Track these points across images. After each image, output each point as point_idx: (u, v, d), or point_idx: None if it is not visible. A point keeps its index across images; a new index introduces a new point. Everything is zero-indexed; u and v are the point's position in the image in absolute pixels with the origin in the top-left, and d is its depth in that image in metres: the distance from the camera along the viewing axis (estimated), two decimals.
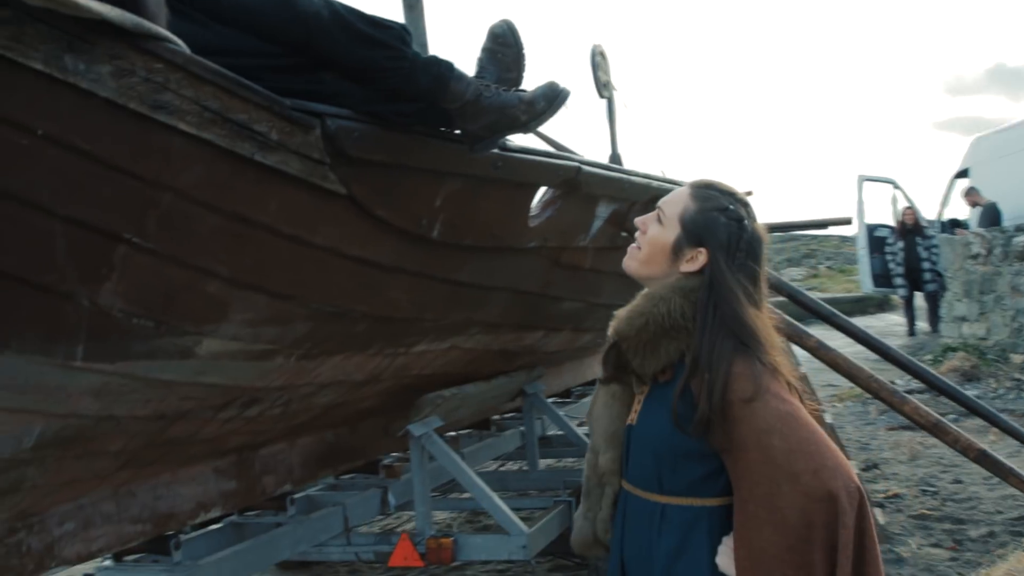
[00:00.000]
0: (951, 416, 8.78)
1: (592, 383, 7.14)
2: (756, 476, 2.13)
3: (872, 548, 2.13)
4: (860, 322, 22.74)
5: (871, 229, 19.20)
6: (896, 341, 17.73)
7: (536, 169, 3.64)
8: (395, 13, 4.08)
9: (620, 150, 9.59)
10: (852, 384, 5.35)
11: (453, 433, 5.82)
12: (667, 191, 5.00)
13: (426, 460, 4.54)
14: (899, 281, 18.52)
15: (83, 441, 2.94)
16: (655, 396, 2.32)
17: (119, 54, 2.33)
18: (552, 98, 3.03)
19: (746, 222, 2.35)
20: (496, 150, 3.28)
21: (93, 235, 2.48)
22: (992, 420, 5.64)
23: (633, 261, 2.43)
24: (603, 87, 8.85)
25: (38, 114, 2.27)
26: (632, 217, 4.59)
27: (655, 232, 2.39)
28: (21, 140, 2.28)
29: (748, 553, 2.13)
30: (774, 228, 9.71)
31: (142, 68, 2.37)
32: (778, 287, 6.27)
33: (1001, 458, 5.07)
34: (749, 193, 11.10)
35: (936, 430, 4.83)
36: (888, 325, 20.34)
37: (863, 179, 19.26)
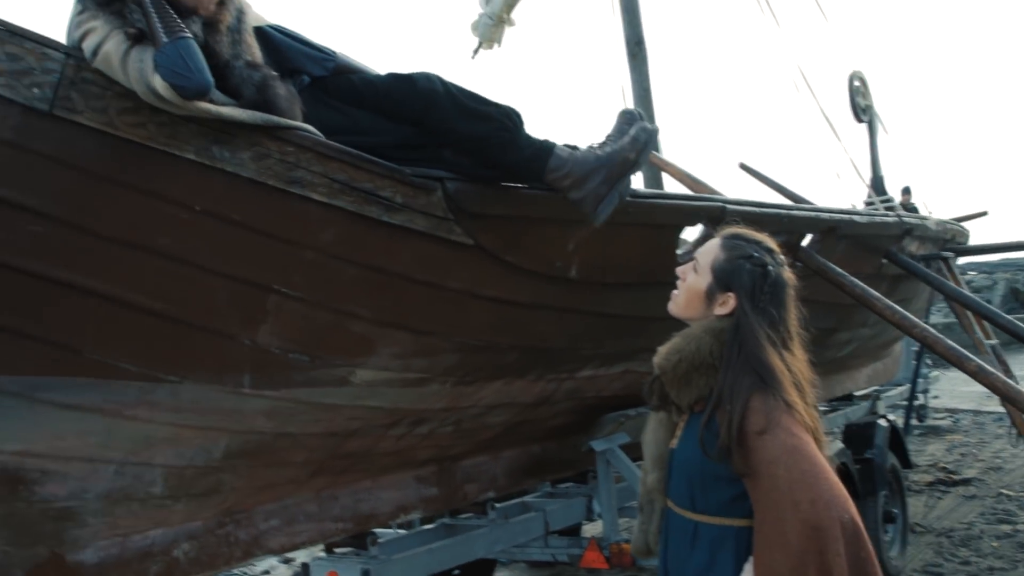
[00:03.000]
0: None
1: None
2: (766, 502, 2.38)
3: None
4: None
5: None
6: None
7: (673, 211, 3.92)
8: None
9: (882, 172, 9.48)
10: None
11: None
12: (841, 221, 5.11)
13: (611, 473, 4.89)
14: None
15: (267, 453, 3.52)
16: (691, 424, 2.60)
17: (256, 141, 2.88)
18: (646, 129, 3.33)
19: (770, 268, 2.59)
20: (628, 198, 3.59)
21: (248, 287, 3.06)
22: None
23: (674, 305, 2.73)
24: (861, 111, 8.82)
25: (194, 193, 2.88)
26: (802, 246, 4.75)
27: (691, 280, 2.67)
28: (182, 215, 2.88)
29: (762, 572, 2.38)
30: (997, 248, 9.26)
31: (276, 151, 2.91)
32: (977, 310, 6.13)
33: None
34: (983, 214, 10.56)
35: None
36: None
37: None
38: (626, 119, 3.50)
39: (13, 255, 2.74)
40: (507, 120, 3.22)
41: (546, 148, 3.26)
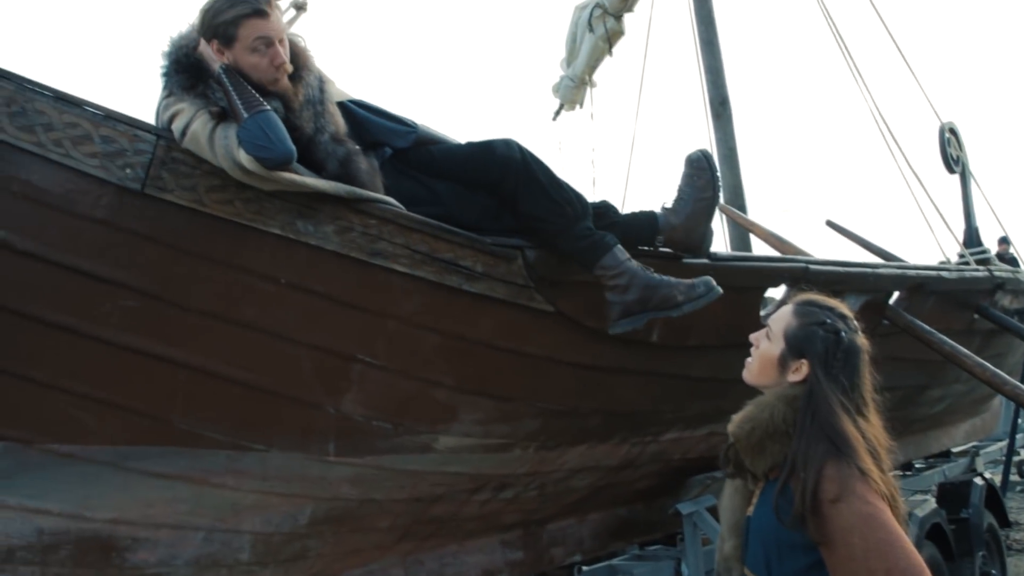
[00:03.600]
0: None
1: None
2: (843, 571, 2.34)
3: None
4: None
5: None
6: None
7: (755, 274, 3.89)
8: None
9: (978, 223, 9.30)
10: None
11: None
12: (928, 278, 5.03)
13: (698, 536, 4.82)
14: None
15: (352, 519, 3.56)
16: (767, 491, 2.56)
17: (340, 215, 2.95)
18: (710, 287, 3.31)
19: (843, 334, 2.55)
20: (707, 260, 3.59)
21: (333, 357, 3.11)
22: None
23: (748, 373, 2.70)
24: (954, 162, 8.69)
25: (280, 266, 2.95)
26: (889, 304, 4.68)
27: (764, 347, 2.64)
28: (268, 287, 2.95)
29: None
30: None
31: (359, 224, 2.98)
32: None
33: None
34: None
35: None
36: None
37: None
38: (693, 167, 3.54)
39: (107, 329, 2.84)
40: (569, 207, 3.25)
41: (604, 244, 3.27)
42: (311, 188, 2.87)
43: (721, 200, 5.97)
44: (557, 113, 9.26)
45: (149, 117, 2.90)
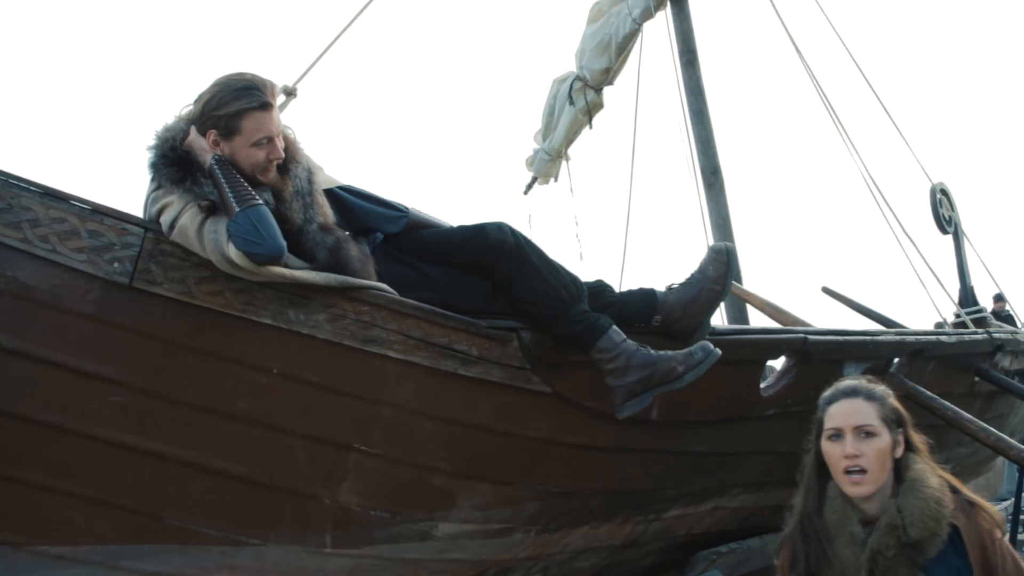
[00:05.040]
0: None
1: None
2: None
3: None
4: None
5: None
6: None
7: (753, 347, 3.85)
8: None
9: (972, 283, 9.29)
10: None
11: None
12: (927, 343, 4.98)
13: None
14: None
15: None
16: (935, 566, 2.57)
17: (332, 303, 2.91)
18: (707, 351, 3.26)
19: None
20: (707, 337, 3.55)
21: (328, 447, 3.05)
22: None
23: (870, 485, 2.68)
24: (946, 223, 8.69)
25: (272, 357, 2.90)
26: (889, 372, 4.63)
27: (876, 445, 2.70)
28: (260, 378, 2.90)
29: None
30: None
31: (352, 312, 2.94)
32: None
33: None
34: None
35: None
36: None
37: None
38: (714, 257, 3.52)
39: (96, 426, 2.79)
40: (564, 290, 3.20)
41: (599, 328, 3.22)
42: (301, 281, 2.84)
43: None
44: (529, 187, 9.18)
45: (138, 208, 2.88)
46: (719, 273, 3.50)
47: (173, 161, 2.85)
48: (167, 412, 2.85)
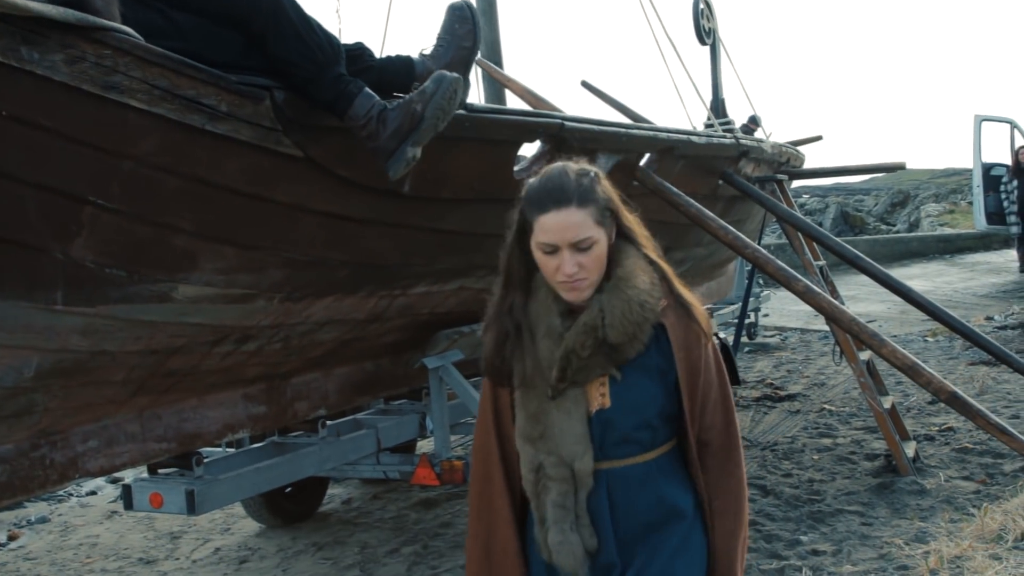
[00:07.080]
0: None
1: None
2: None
3: None
4: (982, 257, 22.87)
5: (987, 168, 19.30)
6: (1009, 277, 18.05)
7: (509, 127, 3.87)
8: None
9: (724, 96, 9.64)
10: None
11: None
12: (678, 141, 5.18)
13: (444, 390, 4.88)
14: (1012, 219, 18.64)
15: (83, 372, 3.36)
16: (631, 368, 2.41)
17: (70, 44, 2.67)
18: (439, 80, 3.17)
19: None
20: (463, 111, 3.53)
21: (62, 198, 2.86)
22: (1007, 361, 5.85)
23: (589, 285, 2.39)
24: (705, 34, 8.92)
25: (0, 97, 2.65)
26: (640, 166, 4.79)
27: (597, 249, 2.37)
28: None
29: None
30: (828, 172, 9.66)
31: (92, 55, 2.71)
32: (807, 232, 6.37)
33: (970, 399, 5.32)
34: (818, 138, 10.98)
35: (911, 372, 5.06)
36: (1007, 260, 20.67)
37: (980, 119, 19.32)
38: (455, 15, 3.47)
39: None
40: (320, 51, 3.08)
41: (348, 95, 3.12)
42: (33, 12, 2.58)
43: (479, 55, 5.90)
44: None
45: None
46: (466, 30, 3.48)
47: None
48: None
